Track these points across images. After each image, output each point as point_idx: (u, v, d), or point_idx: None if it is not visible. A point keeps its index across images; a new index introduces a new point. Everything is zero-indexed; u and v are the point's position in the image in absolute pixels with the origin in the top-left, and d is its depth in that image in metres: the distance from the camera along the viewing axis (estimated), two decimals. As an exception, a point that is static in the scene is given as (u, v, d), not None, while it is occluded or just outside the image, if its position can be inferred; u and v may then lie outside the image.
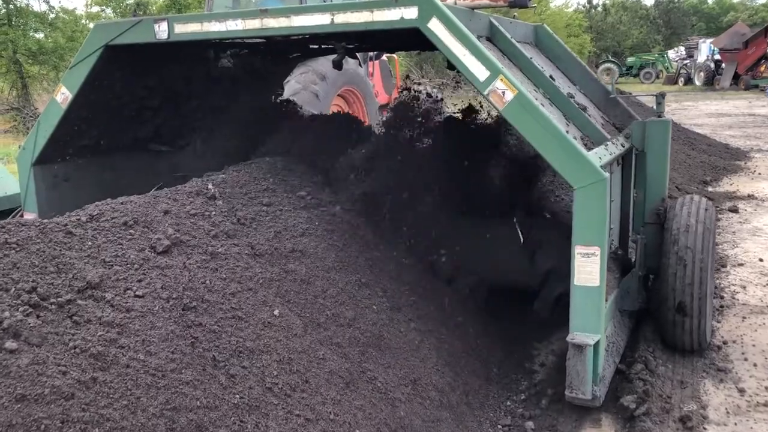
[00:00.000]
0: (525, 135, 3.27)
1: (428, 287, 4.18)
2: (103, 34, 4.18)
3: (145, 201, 3.41)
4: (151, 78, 4.81)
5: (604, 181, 3.12)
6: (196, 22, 3.95)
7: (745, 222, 7.44)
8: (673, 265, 3.95)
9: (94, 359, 2.30)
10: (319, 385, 2.90)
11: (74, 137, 4.63)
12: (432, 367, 3.58)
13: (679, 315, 3.96)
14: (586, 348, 3.21)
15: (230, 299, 2.96)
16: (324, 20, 3.57)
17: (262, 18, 3.73)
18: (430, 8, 3.31)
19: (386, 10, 3.39)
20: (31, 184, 4.58)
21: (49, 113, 4.45)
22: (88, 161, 4.83)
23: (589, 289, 3.21)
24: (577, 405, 3.57)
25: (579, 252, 3.19)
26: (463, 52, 3.27)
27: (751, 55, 28.02)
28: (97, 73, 4.27)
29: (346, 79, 8.88)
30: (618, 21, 53.43)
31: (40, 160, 4.53)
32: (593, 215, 3.16)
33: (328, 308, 3.34)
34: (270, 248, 3.45)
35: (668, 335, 4.15)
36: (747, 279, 5.60)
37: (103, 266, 2.79)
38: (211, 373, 2.60)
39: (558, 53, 4.77)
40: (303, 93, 8.05)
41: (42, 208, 4.55)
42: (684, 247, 3.94)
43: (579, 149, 3.19)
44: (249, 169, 4.30)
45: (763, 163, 11.15)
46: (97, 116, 4.61)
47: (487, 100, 3.33)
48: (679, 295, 3.93)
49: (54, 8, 20.38)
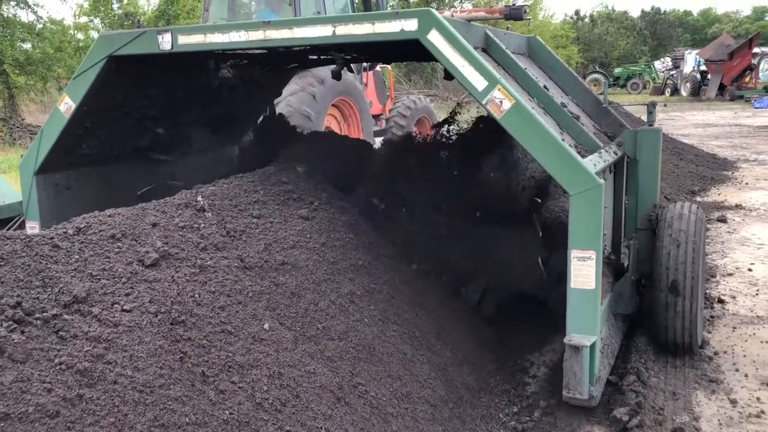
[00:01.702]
0: (522, 143, 3.34)
1: (421, 299, 4.16)
2: (107, 44, 4.25)
3: (133, 213, 3.36)
4: (152, 88, 4.86)
5: (599, 187, 3.20)
6: (200, 34, 4.01)
7: (733, 232, 7.47)
8: (667, 246, 4.06)
9: (80, 375, 2.26)
10: (310, 399, 2.86)
11: (76, 146, 4.68)
12: (425, 380, 3.54)
13: (672, 295, 4.01)
14: (582, 349, 3.28)
15: (219, 313, 2.92)
16: (326, 32, 3.65)
17: (265, 29, 3.80)
18: (429, 20, 3.39)
19: (387, 22, 3.48)
20: (34, 193, 4.61)
21: (53, 123, 4.49)
22: (89, 170, 4.88)
23: (586, 292, 3.29)
24: (571, 413, 3.59)
25: (575, 256, 3.27)
26: (462, 62, 3.36)
27: (736, 66, 28.35)
28: (100, 84, 4.32)
29: (341, 89, 8.92)
30: (605, 32, 53.91)
31: (42, 168, 4.58)
32: (588, 220, 3.25)
33: (318, 321, 3.30)
34: (260, 261, 3.41)
35: (660, 323, 4.13)
36: (736, 289, 5.62)
37: (90, 280, 2.74)
38: (200, 389, 2.55)
39: (550, 64, 4.88)
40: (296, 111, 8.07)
41: (44, 217, 4.59)
42: (678, 230, 4.08)
43: (574, 156, 3.26)
44: (239, 181, 4.26)
45: (750, 173, 11.23)
46: (98, 125, 4.66)
47: (485, 108, 3.40)
48: (672, 273, 4.01)
49: (42, 18, 20.24)
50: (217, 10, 8.82)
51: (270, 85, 6.37)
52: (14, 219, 5.26)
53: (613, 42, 53.47)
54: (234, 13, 9.03)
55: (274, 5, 8.91)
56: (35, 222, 4.60)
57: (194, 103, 5.29)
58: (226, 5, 8.93)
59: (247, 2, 9.50)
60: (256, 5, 9.42)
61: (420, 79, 28.71)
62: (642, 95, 34.89)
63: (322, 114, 8.74)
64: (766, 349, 4.45)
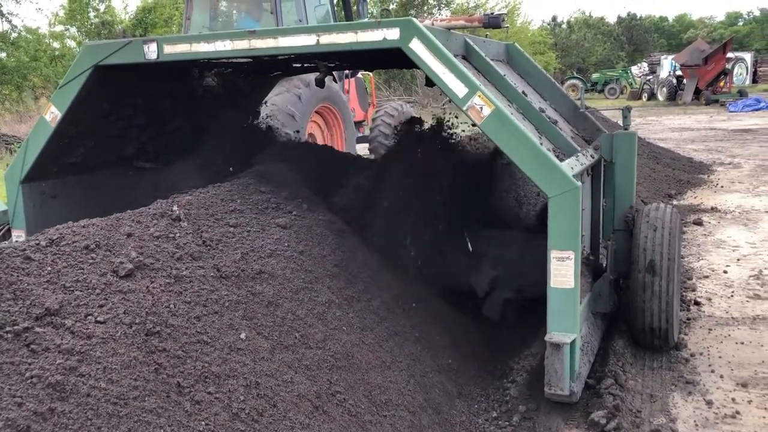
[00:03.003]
0: (502, 147, 3.45)
1: (400, 306, 4.15)
2: (93, 54, 4.29)
3: (108, 224, 3.33)
4: (137, 96, 4.90)
5: (576, 189, 3.29)
6: (185, 43, 4.09)
7: (709, 234, 7.57)
8: (645, 230, 4.26)
9: (52, 389, 2.23)
10: (287, 409, 2.85)
11: (61, 155, 4.71)
12: (404, 387, 3.54)
13: (649, 275, 4.14)
14: (563, 346, 3.37)
15: (195, 323, 2.90)
16: (310, 41, 3.74)
17: (250, 39, 3.88)
18: (411, 29, 3.50)
19: (370, 31, 3.59)
20: (20, 202, 4.66)
21: (38, 132, 4.53)
22: (75, 178, 4.93)
23: (565, 291, 3.38)
24: (550, 417, 3.62)
25: (554, 256, 3.37)
26: (443, 70, 3.47)
27: (710, 71, 28.71)
28: (86, 93, 4.36)
29: (325, 95, 8.97)
30: (582, 38, 54.42)
31: (28, 177, 4.62)
32: (567, 221, 3.35)
33: (296, 330, 3.29)
34: (236, 270, 3.39)
35: (638, 306, 4.22)
36: (712, 291, 5.68)
37: (63, 292, 2.71)
38: (175, 400, 2.53)
39: (528, 70, 5.01)
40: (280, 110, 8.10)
41: (30, 226, 4.62)
42: (654, 218, 4.29)
43: (552, 160, 3.36)
44: (216, 191, 4.25)
45: (725, 176, 11.39)
46: (84, 134, 4.70)
47: (466, 114, 3.50)
48: (649, 254, 4.15)
49: (16, 27, 20.00)
50: (199, 19, 8.87)
51: (253, 92, 6.47)
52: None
53: (591, 48, 54.01)
54: (216, 22, 9.07)
55: (256, 14, 8.96)
56: (21, 231, 4.64)
57: (179, 111, 5.34)
58: (208, 14, 9.00)
59: (229, 11, 9.52)
60: (237, 14, 9.45)
61: (400, 85, 28.80)
62: (620, 100, 35.24)
63: (307, 115, 8.78)
64: (741, 350, 4.50)
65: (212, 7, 9.05)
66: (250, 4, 9.07)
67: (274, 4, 8.35)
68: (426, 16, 23.91)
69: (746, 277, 6.01)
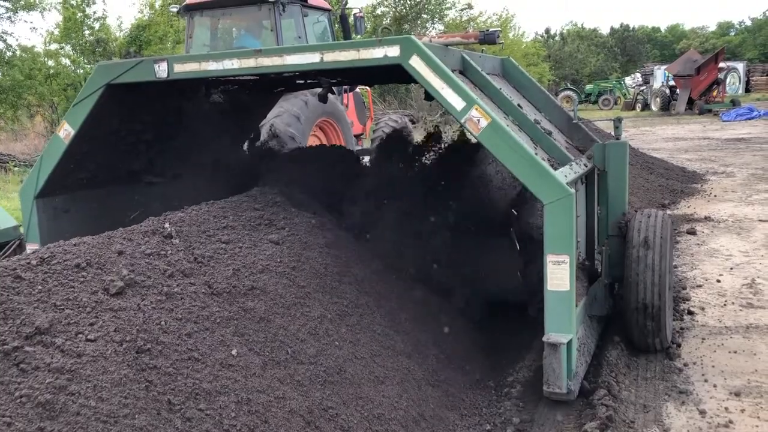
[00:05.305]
0: (499, 157, 3.62)
1: (393, 319, 4.16)
2: (106, 73, 4.46)
3: (99, 242, 3.34)
4: (146, 113, 5.05)
5: (570, 196, 3.44)
6: (195, 62, 4.26)
7: (702, 244, 7.60)
8: (639, 218, 4.55)
9: (41, 408, 2.23)
10: (279, 425, 2.85)
11: (74, 171, 4.88)
12: (396, 400, 3.54)
13: (644, 248, 4.36)
14: (560, 346, 3.50)
15: (186, 340, 2.90)
16: (315, 59, 3.92)
17: (257, 57, 4.05)
18: (410, 47, 3.66)
19: (371, 49, 3.74)
20: (34, 217, 4.82)
21: (52, 149, 4.70)
22: (86, 193, 5.10)
23: (561, 294, 3.52)
24: (544, 429, 3.61)
25: (550, 260, 3.50)
26: (441, 85, 3.63)
27: (703, 80, 28.92)
28: (98, 110, 4.51)
29: (325, 110, 9.06)
30: (576, 50, 54.77)
31: (42, 193, 4.79)
32: (562, 227, 3.48)
33: (288, 345, 3.29)
34: (228, 286, 3.40)
35: (632, 281, 4.35)
36: (705, 300, 5.70)
37: (54, 310, 2.72)
38: (166, 417, 2.53)
39: (523, 83, 5.14)
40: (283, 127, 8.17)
41: (44, 239, 4.76)
42: (647, 212, 4.64)
43: (547, 169, 3.51)
44: (209, 208, 4.26)
45: (719, 185, 11.44)
46: (95, 150, 4.86)
47: (464, 127, 3.67)
48: (643, 232, 4.42)
49: (11, 47, 20.04)
50: (201, 37, 9.06)
51: (257, 108, 6.69)
52: (9, 244, 5.39)
53: (584, 59, 54.36)
54: (217, 40, 9.20)
55: (256, 32, 9.08)
56: (35, 244, 4.80)
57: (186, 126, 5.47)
58: (209, 32, 9.16)
59: (230, 29, 9.63)
60: (237, 31, 9.56)
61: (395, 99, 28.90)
62: (614, 111, 35.44)
63: (306, 134, 8.86)
64: (734, 359, 4.51)
65: (213, 25, 9.19)
66: (250, 21, 9.17)
67: (274, 22, 8.44)
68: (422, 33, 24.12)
69: (739, 286, 6.03)
